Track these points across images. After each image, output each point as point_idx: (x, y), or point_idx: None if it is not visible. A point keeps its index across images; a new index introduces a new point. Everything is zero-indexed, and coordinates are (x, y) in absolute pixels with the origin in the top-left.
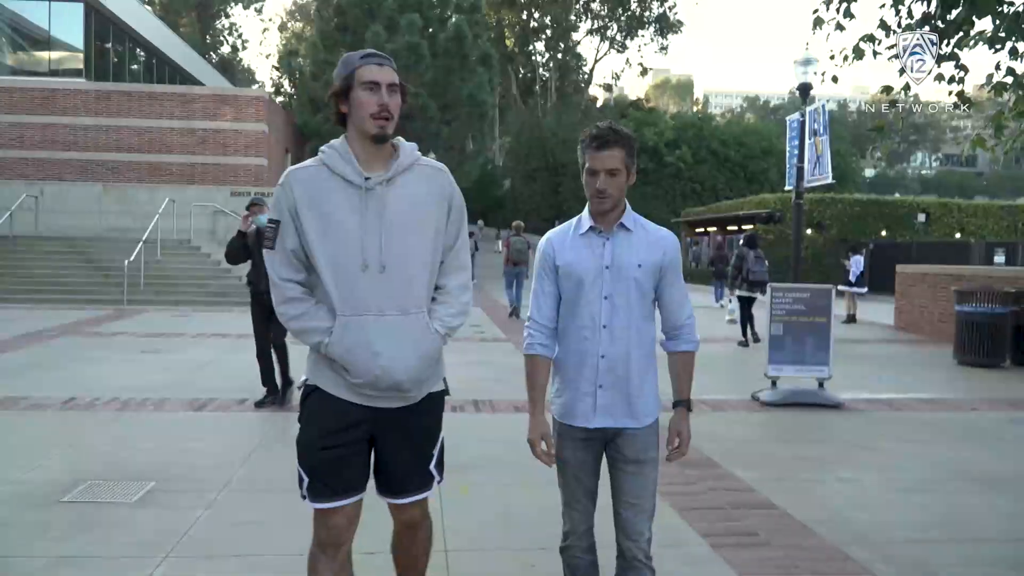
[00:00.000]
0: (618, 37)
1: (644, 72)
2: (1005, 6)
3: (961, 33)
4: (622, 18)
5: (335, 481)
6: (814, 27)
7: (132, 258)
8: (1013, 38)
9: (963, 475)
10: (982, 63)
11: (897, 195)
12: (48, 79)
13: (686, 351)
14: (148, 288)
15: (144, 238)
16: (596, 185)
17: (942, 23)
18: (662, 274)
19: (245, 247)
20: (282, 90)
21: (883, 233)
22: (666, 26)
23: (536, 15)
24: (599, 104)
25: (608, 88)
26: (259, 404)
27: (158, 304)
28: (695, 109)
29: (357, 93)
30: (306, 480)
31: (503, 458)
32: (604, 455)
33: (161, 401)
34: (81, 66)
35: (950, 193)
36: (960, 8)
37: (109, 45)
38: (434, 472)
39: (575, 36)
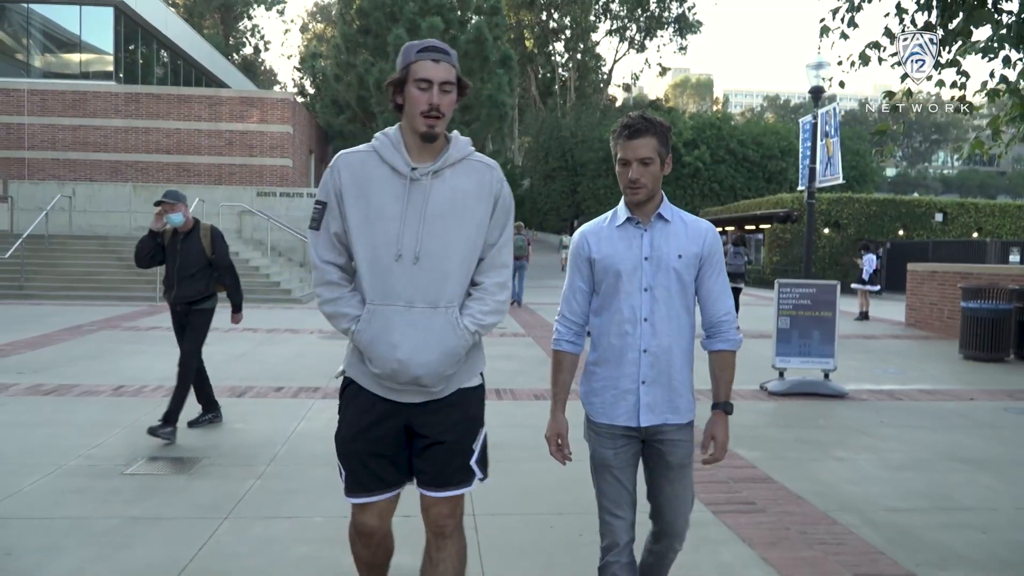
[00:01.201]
0: (637, 38)
1: (663, 72)
2: (1004, 16)
3: (960, 42)
4: (641, 19)
5: (367, 477)
6: (821, 35)
7: None
8: (1006, 47)
9: (952, 456)
10: (982, 69)
11: (916, 194)
12: (79, 82)
13: (723, 350)
14: None
15: None
16: (629, 175)
17: (943, 32)
18: (700, 265)
19: (160, 248)
20: (304, 91)
21: (900, 232)
22: (685, 26)
23: (555, 16)
24: (618, 104)
25: (627, 88)
26: (193, 423)
27: None
28: (715, 108)
29: (410, 89)
30: (344, 474)
31: (524, 440)
32: (641, 455)
33: None
34: (111, 69)
35: (972, 192)
36: (959, 18)
37: (138, 48)
38: (475, 468)
39: (594, 37)
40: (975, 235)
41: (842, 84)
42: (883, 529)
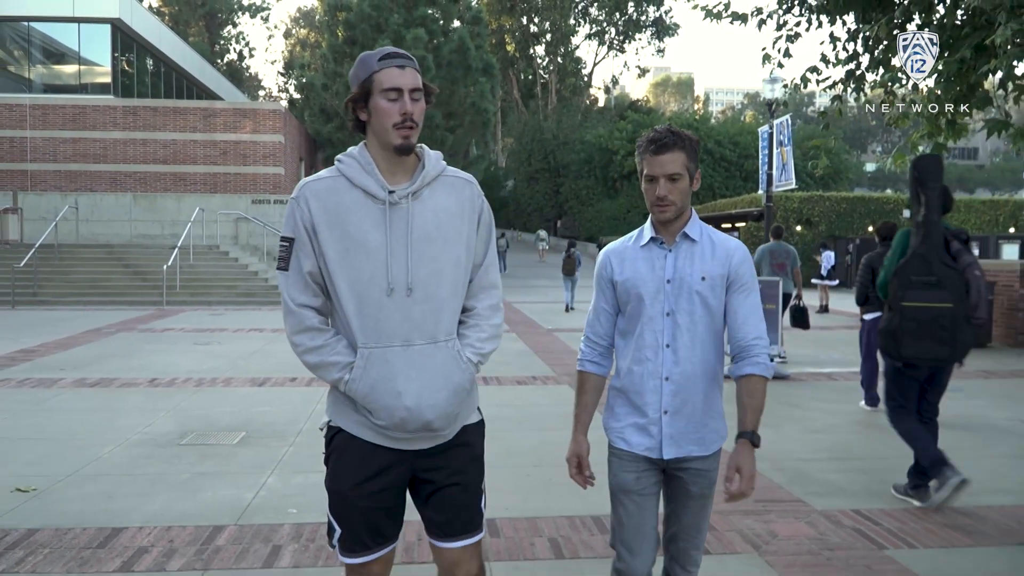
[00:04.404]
0: (616, 41)
1: (642, 74)
2: None
3: (882, 69)
4: (619, 22)
5: (367, 534)
6: (763, 62)
7: (170, 263)
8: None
9: (863, 423)
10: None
11: (889, 191)
12: (78, 96)
13: (749, 375)
14: (183, 290)
15: (179, 244)
16: (657, 192)
17: (869, 58)
18: (728, 286)
19: None
20: (290, 96)
21: (870, 229)
22: (662, 29)
23: (536, 20)
24: (600, 105)
25: (607, 90)
26: None
27: (193, 304)
28: (696, 107)
29: (377, 100)
30: (337, 531)
31: (508, 416)
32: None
33: (228, 379)
34: (108, 81)
35: (951, 185)
36: (879, 49)
37: (133, 62)
38: (483, 510)
39: (574, 40)
40: None
41: (785, 104)
42: (787, 472)
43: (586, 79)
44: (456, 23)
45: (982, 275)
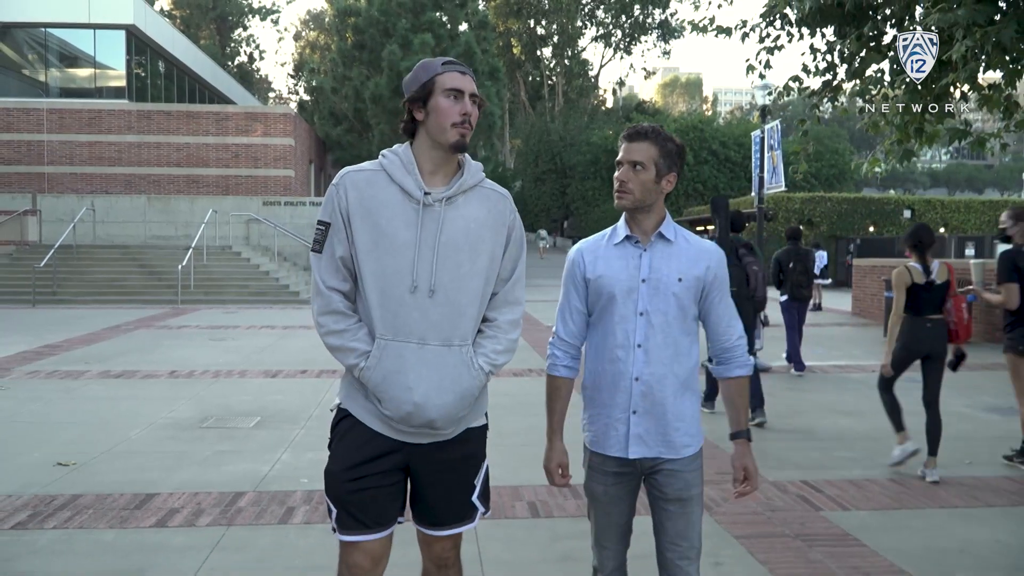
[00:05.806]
0: (622, 43)
1: (648, 76)
2: (886, 61)
3: (857, 79)
4: (625, 25)
5: (363, 514)
6: (746, 72)
7: (184, 263)
8: (884, 84)
9: (829, 408)
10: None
11: (892, 192)
12: (94, 100)
13: (740, 376)
14: (197, 289)
15: (193, 245)
16: (616, 175)
17: (845, 70)
18: (706, 291)
19: None
20: (298, 97)
21: (871, 229)
22: (668, 31)
23: (543, 23)
24: (607, 106)
25: (615, 91)
26: None
27: (207, 303)
28: (704, 107)
29: (438, 100)
30: (334, 511)
31: (502, 403)
32: (643, 489)
33: (243, 371)
34: (123, 85)
35: (959, 186)
36: (854, 61)
37: (147, 66)
38: (477, 503)
39: (580, 43)
40: (942, 230)
41: (768, 110)
42: (756, 451)
43: (593, 80)
44: (463, 27)
45: (759, 270)
